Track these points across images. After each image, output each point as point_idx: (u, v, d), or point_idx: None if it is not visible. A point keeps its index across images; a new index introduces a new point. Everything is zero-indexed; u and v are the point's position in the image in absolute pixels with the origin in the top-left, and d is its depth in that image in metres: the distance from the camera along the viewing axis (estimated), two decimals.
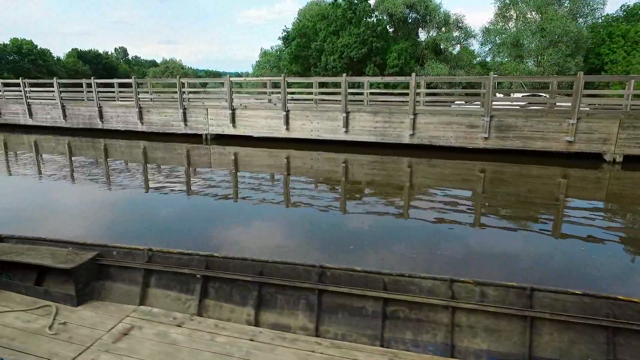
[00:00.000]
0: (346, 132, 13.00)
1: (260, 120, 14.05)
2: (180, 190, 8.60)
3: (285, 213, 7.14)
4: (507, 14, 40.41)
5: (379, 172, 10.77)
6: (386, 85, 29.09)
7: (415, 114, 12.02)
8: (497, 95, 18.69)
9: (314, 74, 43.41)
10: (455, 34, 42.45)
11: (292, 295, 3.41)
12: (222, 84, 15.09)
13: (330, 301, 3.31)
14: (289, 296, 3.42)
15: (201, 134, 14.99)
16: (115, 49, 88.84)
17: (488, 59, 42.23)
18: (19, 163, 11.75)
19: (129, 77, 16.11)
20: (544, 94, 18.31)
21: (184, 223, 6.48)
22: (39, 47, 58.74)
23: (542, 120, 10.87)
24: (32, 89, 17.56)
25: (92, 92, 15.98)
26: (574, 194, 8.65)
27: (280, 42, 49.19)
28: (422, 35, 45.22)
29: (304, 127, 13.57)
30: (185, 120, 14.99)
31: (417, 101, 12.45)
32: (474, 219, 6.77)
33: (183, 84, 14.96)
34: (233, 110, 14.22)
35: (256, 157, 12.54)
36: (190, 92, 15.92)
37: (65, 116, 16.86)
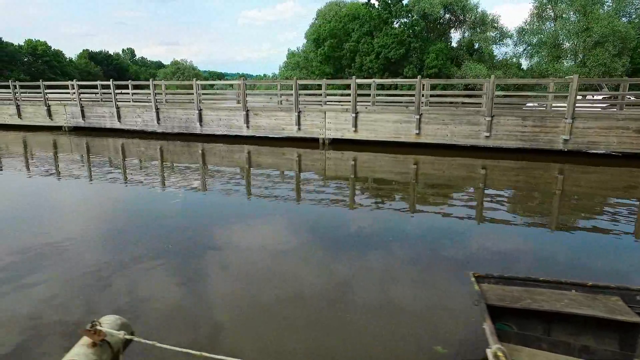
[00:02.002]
0: (488, 137, 12.29)
1: (388, 124, 13.27)
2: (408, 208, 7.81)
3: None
4: (544, 14, 39.98)
5: (532, 180, 10.06)
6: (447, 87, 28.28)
7: (573, 118, 11.37)
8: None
9: (348, 75, 42.64)
10: (492, 34, 41.97)
11: None
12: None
13: None
14: None
15: (317, 138, 14.15)
16: (123, 50, 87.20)
17: (522, 60, 41.83)
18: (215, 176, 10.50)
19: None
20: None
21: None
22: (52, 49, 57.08)
23: None
24: (120, 90, 16.53)
25: (193, 94, 14.95)
26: None
27: (301, 44, 48.57)
28: (455, 36, 44.79)
29: (438, 131, 12.83)
30: (299, 124, 14.14)
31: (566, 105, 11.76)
32: None
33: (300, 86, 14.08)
34: (356, 113, 13.42)
35: (425, 164, 11.81)
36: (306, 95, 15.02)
37: (158, 119, 15.85)
